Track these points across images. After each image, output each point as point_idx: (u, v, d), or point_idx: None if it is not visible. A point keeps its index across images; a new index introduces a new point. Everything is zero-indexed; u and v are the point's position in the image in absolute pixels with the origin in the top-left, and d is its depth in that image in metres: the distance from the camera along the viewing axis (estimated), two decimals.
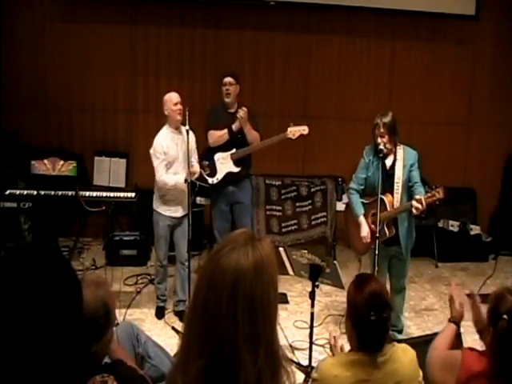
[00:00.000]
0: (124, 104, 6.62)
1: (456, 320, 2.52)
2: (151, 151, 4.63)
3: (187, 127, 4.45)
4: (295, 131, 4.84)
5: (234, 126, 4.86)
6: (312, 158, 6.63)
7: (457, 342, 2.47)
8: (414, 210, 4.06)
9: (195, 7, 6.44)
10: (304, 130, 4.85)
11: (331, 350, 2.61)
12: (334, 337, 2.62)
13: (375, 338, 2.20)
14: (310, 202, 5.99)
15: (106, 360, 2.11)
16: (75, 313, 1.22)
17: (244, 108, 4.80)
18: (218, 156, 4.98)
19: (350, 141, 6.58)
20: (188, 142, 4.44)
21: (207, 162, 4.97)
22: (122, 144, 6.52)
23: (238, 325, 1.25)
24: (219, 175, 4.99)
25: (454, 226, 6.49)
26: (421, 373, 2.27)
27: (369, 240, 4.26)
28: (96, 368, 1.73)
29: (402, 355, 2.25)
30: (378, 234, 4.08)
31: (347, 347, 2.43)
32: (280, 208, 6.00)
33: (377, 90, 6.72)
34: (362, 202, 4.40)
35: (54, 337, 1.14)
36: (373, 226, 4.28)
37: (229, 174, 4.99)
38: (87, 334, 1.81)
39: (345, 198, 5.97)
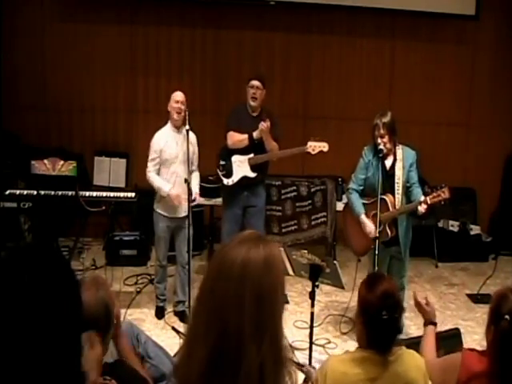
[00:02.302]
0: (124, 104, 6.62)
1: (432, 320, 2.55)
2: (151, 143, 4.67)
3: (187, 127, 4.45)
4: (315, 146, 4.78)
5: (255, 134, 4.79)
6: (312, 158, 6.60)
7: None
8: (420, 209, 4.07)
9: (195, 7, 6.44)
10: (324, 147, 4.78)
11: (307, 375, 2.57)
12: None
13: (386, 338, 2.20)
14: (309, 202, 5.99)
15: (107, 360, 2.11)
16: (74, 313, 1.22)
17: (267, 123, 4.72)
18: (235, 158, 4.93)
19: (350, 141, 6.57)
20: (188, 143, 4.44)
21: (224, 162, 4.94)
22: (122, 144, 6.52)
23: (244, 309, 1.26)
24: (235, 177, 4.94)
25: (453, 225, 6.49)
26: (430, 382, 2.26)
27: (376, 234, 4.17)
28: None
29: (410, 359, 2.25)
30: (377, 234, 4.08)
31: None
32: (280, 208, 6.00)
33: (377, 90, 6.72)
34: (363, 203, 4.40)
35: (53, 337, 1.14)
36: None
37: (244, 178, 4.94)
38: None
39: (345, 198, 5.97)
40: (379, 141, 4.22)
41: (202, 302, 1.32)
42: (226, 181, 4.95)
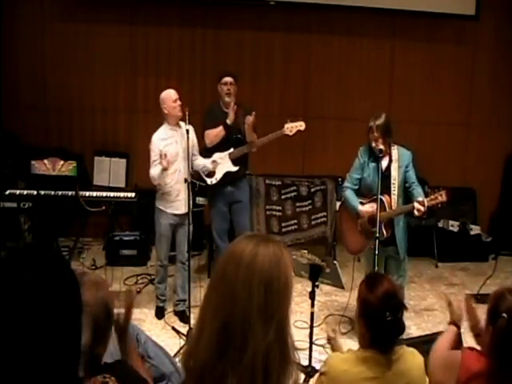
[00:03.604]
0: (124, 104, 6.62)
1: (456, 322, 2.53)
2: (150, 146, 4.65)
3: (187, 126, 4.44)
4: (292, 127, 4.83)
5: (229, 120, 4.84)
6: (312, 158, 6.63)
7: (457, 341, 2.48)
8: (415, 212, 4.08)
9: (195, 7, 6.44)
10: (301, 125, 4.84)
11: (331, 344, 2.61)
12: (334, 329, 2.64)
13: (389, 338, 2.21)
14: (310, 202, 5.99)
15: (106, 359, 2.11)
16: (74, 313, 1.22)
17: (252, 117, 4.75)
18: (216, 156, 4.97)
19: (350, 141, 6.54)
20: (188, 141, 4.44)
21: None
22: (122, 144, 6.52)
23: (252, 295, 1.29)
24: (218, 175, 4.99)
25: (454, 225, 6.49)
26: (427, 379, 2.28)
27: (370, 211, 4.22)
28: (96, 368, 1.74)
29: (411, 358, 2.26)
30: (377, 234, 4.09)
31: (345, 345, 2.43)
32: (280, 208, 6.00)
33: (377, 90, 6.72)
34: (360, 202, 4.41)
35: (53, 337, 1.14)
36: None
37: (227, 174, 4.99)
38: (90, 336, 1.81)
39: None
40: (373, 144, 4.25)
41: (213, 286, 1.37)
42: (209, 180, 4.99)
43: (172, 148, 4.61)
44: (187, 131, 4.44)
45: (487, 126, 6.83)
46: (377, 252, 4.04)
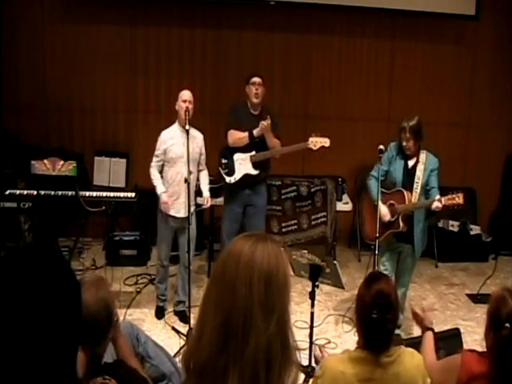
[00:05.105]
0: (124, 104, 6.61)
1: (430, 326, 2.58)
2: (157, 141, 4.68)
3: (187, 127, 4.44)
4: (317, 142, 4.81)
5: (255, 132, 4.79)
6: (312, 158, 6.61)
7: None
8: (433, 206, 4.22)
9: (195, 7, 6.43)
10: (325, 142, 4.82)
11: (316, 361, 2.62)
12: (320, 347, 2.66)
13: (378, 337, 2.20)
14: (309, 202, 5.99)
15: (106, 359, 2.10)
16: (75, 314, 1.21)
17: (268, 121, 4.73)
18: (237, 156, 4.94)
19: (350, 141, 6.58)
20: (188, 143, 4.43)
21: (226, 161, 4.95)
22: (122, 144, 6.52)
23: (252, 290, 1.31)
24: (237, 175, 4.95)
25: (454, 226, 6.49)
26: (428, 380, 2.26)
27: (389, 217, 4.38)
28: (97, 369, 1.74)
29: (409, 359, 2.24)
30: (377, 234, 4.11)
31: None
32: (280, 208, 5.99)
33: (377, 90, 6.72)
34: (382, 192, 4.46)
35: (53, 337, 1.14)
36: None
37: (246, 176, 4.95)
38: (90, 336, 1.81)
39: (345, 198, 5.98)
40: (404, 144, 4.36)
41: (213, 284, 1.38)
42: (228, 179, 4.96)
43: (177, 148, 4.60)
44: (187, 131, 4.43)
45: (487, 126, 6.83)
46: (377, 252, 4.08)
